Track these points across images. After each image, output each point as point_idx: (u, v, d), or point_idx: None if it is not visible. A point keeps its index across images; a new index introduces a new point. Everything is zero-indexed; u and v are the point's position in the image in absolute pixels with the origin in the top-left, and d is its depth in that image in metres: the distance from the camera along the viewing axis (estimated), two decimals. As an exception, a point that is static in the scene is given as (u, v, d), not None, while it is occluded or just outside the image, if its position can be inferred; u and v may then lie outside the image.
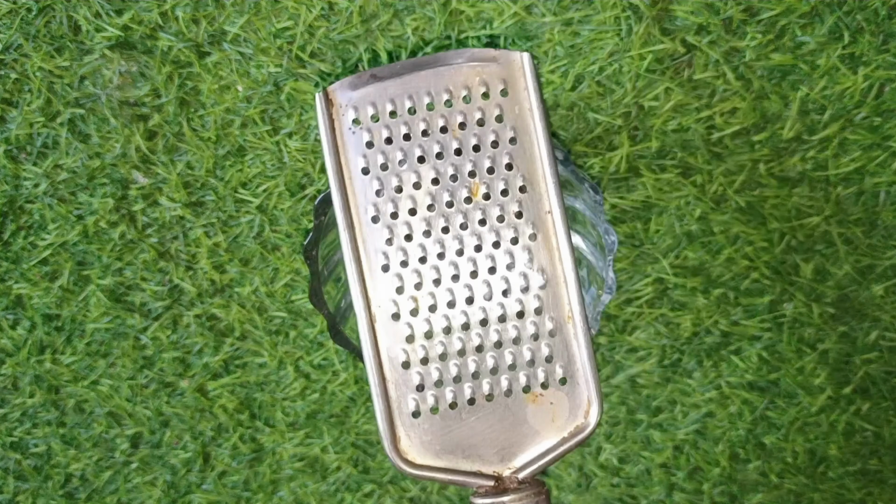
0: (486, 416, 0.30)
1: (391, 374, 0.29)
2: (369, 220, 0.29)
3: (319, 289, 0.42)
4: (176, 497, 0.54)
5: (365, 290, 0.29)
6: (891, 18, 0.40)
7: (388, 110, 0.29)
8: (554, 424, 0.30)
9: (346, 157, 0.29)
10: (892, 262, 0.45)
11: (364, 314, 0.29)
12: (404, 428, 0.29)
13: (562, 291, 0.30)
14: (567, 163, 0.40)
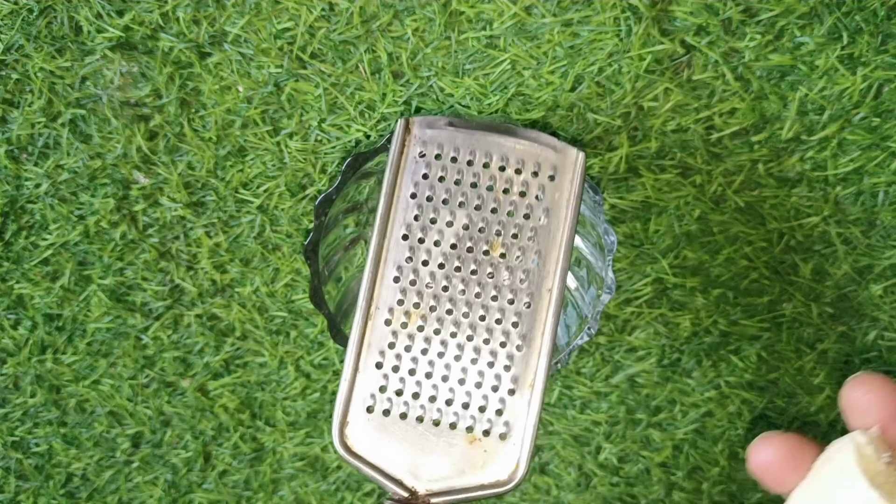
0: (426, 437, 0.32)
1: (363, 367, 0.32)
2: (399, 236, 0.33)
3: (320, 288, 0.42)
4: (177, 496, 0.54)
5: (372, 290, 0.32)
6: (889, 19, 0.40)
7: (451, 155, 0.33)
8: (480, 470, 0.32)
9: (402, 179, 0.33)
10: (890, 261, 0.45)
11: (364, 307, 0.32)
12: (355, 417, 0.32)
13: (533, 360, 0.33)
14: None
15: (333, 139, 0.44)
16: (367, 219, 0.44)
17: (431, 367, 0.33)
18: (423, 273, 0.33)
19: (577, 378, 0.50)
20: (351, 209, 0.43)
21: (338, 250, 0.43)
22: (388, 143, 0.37)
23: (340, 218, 0.43)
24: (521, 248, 0.34)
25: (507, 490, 0.32)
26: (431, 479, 0.32)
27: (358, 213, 0.44)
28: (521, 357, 0.33)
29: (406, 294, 0.33)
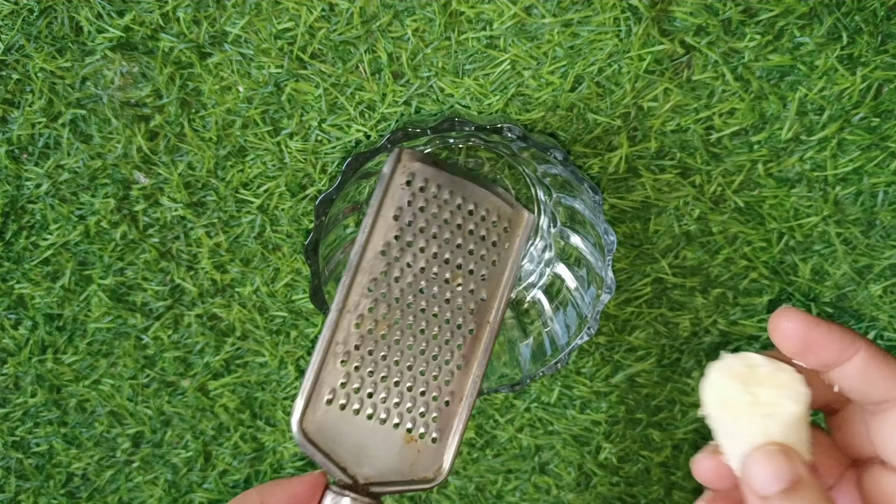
0: (373, 432, 0.36)
1: (330, 362, 0.35)
2: (379, 252, 0.36)
3: (320, 288, 0.42)
4: (177, 496, 0.54)
5: (348, 294, 0.36)
6: (889, 19, 0.40)
7: (432, 191, 0.37)
8: (412, 466, 0.36)
9: (386, 201, 0.36)
10: (890, 261, 0.45)
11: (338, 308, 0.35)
12: (315, 406, 0.35)
13: (468, 379, 0.38)
14: (567, 163, 0.40)
15: (333, 139, 0.44)
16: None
17: (387, 372, 0.36)
18: (394, 287, 0.37)
19: (576, 378, 0.50)
20: (351, 209, 0.43)
21: (338, 250, 0.43)
22: (389, 143, 0.38)
23: (341, 218, 0.43)
24: (474, 283, 0.39)
25: (430, 486, 0.36)
26: (371, 470, 0.35)
27: (358, 213, 0.44)
28: (460, 375, 0.38)
29: (377, 303, 0.36)
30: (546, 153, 0.39)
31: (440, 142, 0.43)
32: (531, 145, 0.39)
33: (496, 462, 0.53)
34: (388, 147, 0.39)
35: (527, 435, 0.52)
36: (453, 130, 0.39)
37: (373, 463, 0.35)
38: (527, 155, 0.42)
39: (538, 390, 0.50)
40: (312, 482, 0.35)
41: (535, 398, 0.51)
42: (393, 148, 0.37)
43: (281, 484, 0.35)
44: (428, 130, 0.39)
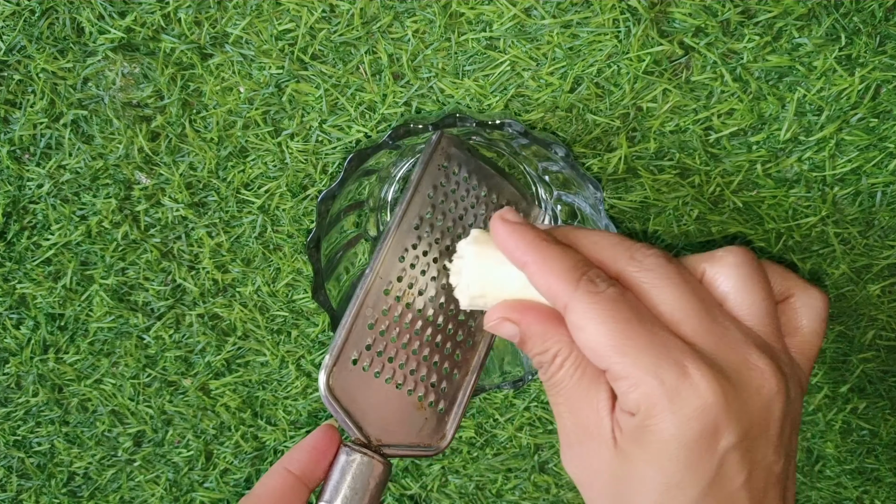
0: (389, 396, 0.37)
1: (359, 324, 0.37)
2: (413, 225, 0.38)
3: (322, 286, 0.42)
4: (178, 495, 0.54)
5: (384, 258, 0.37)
6: (887, 20, 0.40)
7: (463, 175, 0.40)
8: (419, 432, 0.38)
9: (425, 178, 0.39)
10: (888, 261, 0.45)
11: (378, 266, 0.37)
12: (342, 365, 0.36)
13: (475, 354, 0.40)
14: (568, 159, 0.40)
15: (334, 140, 0.44)
16: (369, 218, 0.44)
17: (408, 339, 0.38)
18: (422, 259, 0.38)
19: (576, 377, 0.50)
20: (352, 207, 0.43)
21: (339, 249, 0.44)
22: (390, 139, 0.38)
23: (342, 216, 0.43)
24: None
25: (433, 453, 0.38)
26: (383, 432, 0.37)
27: (359, 211, 0.44)
28: (468, 350, 0.40)
29: (405, 273, 0.38)
30: (548, 149, 0.39)
31: None
32: (533, 141, 0.39)
33: (496, 461, 0.53)
34: (390, 143, 0.39)
35: (526, 434, 0.52)
36: (455, 126, 0.39)
37: (385, 425, 0.37)
38: (528, 152, 0.43)
39: (538, 389, 0.51)
40: (328, 435, 0.36)
41: (534, 397, 0.51)
42: (395, 143, 0.39)
43: (298, 446, 0.36)
44: (430, 126, 0.39)
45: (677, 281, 0.30)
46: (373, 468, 0.35)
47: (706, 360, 0.28)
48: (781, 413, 0.29)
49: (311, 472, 0.35)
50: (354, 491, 0.35)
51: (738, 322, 0.31)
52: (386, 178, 0.44)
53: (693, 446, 0.28)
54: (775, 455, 0.29)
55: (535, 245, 0.32)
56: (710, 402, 0.27)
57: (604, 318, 0.29)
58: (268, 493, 0.35)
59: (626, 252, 0.31)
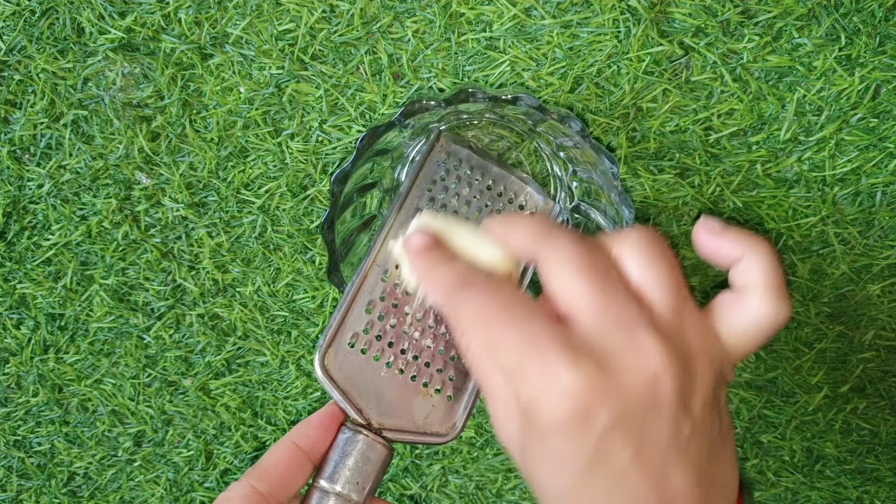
0: (390, 380, 0.37)
1: (356, 307, 0.37)
2: (411, 216, 0.39)
3: (337, 265, 0.42)
4: (178, 495, 0.54)
5: (379, 248, 0.38)
6: (887, 20, 0.40)
7: (465, 171, 0.41)
8: (425, 419, 0.37)
9: (422, 173, 0.40)
10: (888, 261, 0.45)
11: (374, 252, 0.38)
12: (337, 346, 0.37)
13: None
14: (584, 133, 0.40)
15: (334, 140, 0.44)
16: (384, 197, 0.44)
17: (409, 326, 0.38)
18: None
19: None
20: (366, 188, 0.43)
21: (354, 230, 0.43)
22: (402, 117, 0.40)
23: (355, 197, 0.43)
24: None
25: (442, 442, 0.38)
26: (385, 415, 0.37)
27: (373, 192, 0.44)
28: None
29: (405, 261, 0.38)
30: (563, 123, 0.39)
31: (454, 118, 0.43)
32: (547, 116, 0.39)
33: (496, 461, 0.53)
34: (401, 120, 0.39)
35: (527, 434, 0.52)
36: (468, 102, 0.39)
37: (388, 410, 0.37)
38: (542, 128, 0.42)
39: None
40: (331, 413, 0.36)
41: (534, 397, 0.51)
42: (406, 120, 0.39)
43: (305, 422, 0.36)
44: (442, 103, 0.39)
45: (579, 261, 0.31)
46: (373, 449, 0.35)
47: (575, 347, 0.29)
48: (673, 390, 0.29)
49: (317, 447, 0.36)
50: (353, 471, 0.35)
51: (638, 300, 0.31)
52: (399, 157, 0.44)
53: (566, 428, 0.29)
54: (672, 428, 0.30)
55: (429, 266, 0.34)
56: (573, 389, 0.29)
57: (476, 319, 0.31)
58: (274, 465, 0.35)
59: (542, 234, 0.32)
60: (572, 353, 0.29)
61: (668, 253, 0.33)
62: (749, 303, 0.33)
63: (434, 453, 0.53)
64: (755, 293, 0.32)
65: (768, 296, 0.32)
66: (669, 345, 0.30)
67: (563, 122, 0.40)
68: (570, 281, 0.31)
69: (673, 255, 0.33)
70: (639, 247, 0.32)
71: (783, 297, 0.32)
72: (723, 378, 0.32)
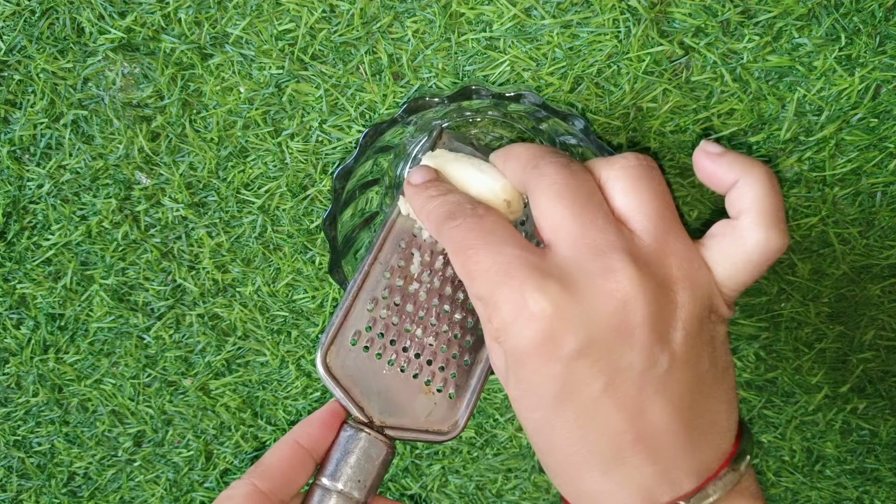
0: (392, 378, 0.37)
1: (358, 305, 0.37)
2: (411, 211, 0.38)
3: (339, 261, 0.42)
4: (178, 495, 0.54)
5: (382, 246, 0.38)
6: (887, 20, 0.40)
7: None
8: (427, 417, 0.37)
9: None
10: (889, 262, 0.45)
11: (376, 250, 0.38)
12: (339, 343, 0.37)
13: None
14: (587, 132, 0.40)
15: (334, 140, 0.44)
16: (386, 194, 0.44)
17: (411, 324, 0.38)
18: (425, 248, 0.39)
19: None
20: (368, 184, 0.43)
21: (356, 226, 0.43)
22: (405, 114, 0.40)
23: (357, 193, 0.43)
24: None
25: (444, 440, 0.38)
26: (387, 413, 0.37)
27: (375, 188, 0.44)
28: (481, 337, 0.39)
29: (407, 260, 0.38)
30: (566, 121, 0.39)
31: (457, 115, 0.43)
32: (551, 114, 0.39)
33: (496, 461, 0.53)
34: (405, 117, 0.39)
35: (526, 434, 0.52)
36: (471, 99, 0.39)
37: (390, 408, 0.37)
38: (545, 126, 0.42)
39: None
40: (333, 411, 0.36)
41: (534, 397, 0.51)
42: (409, 117, 0.39)
43: (307, 420, 0.36)
44: (445, 100, 0.39)
45: (561, 188, 0.31)
46: (374, 447, 0.35)
47: (545, 272, 0.29)
48: (645, 316, 0.29)
49: (319, 445, 0.36)
50: (355, 469, 0.35)
51: (619, 225, 0.31)
52: (402, 154, 0.44)
53: (534, 354, 0.29)
54: (646, 358, 0.29)
55: (423, 202, 0.34)
56: (538, 313, 0.28)
57: (456, 249, 0.31)
58: (276, 463, 0.35)
59: (534, 161, 0.32)
60: (540, 278, 0.29)
61: (657, 181, 0.32)
62: (739, 230, 0.32)
63: (434, 453, 0.53)
64: (746, 219, 0.31)
65: (760, 222, 0.31)
66: (644, 271, 0.29)
67: (567, 120, 0.40)
68: (551, 207, 0.31)
69: (662, 183, 0.32)
70: (625, 172, 0.32)
71: (776, 225, 0.31)
72: (715, 310, 0.31)
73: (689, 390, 0.30)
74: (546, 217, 0.31)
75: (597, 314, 0.29)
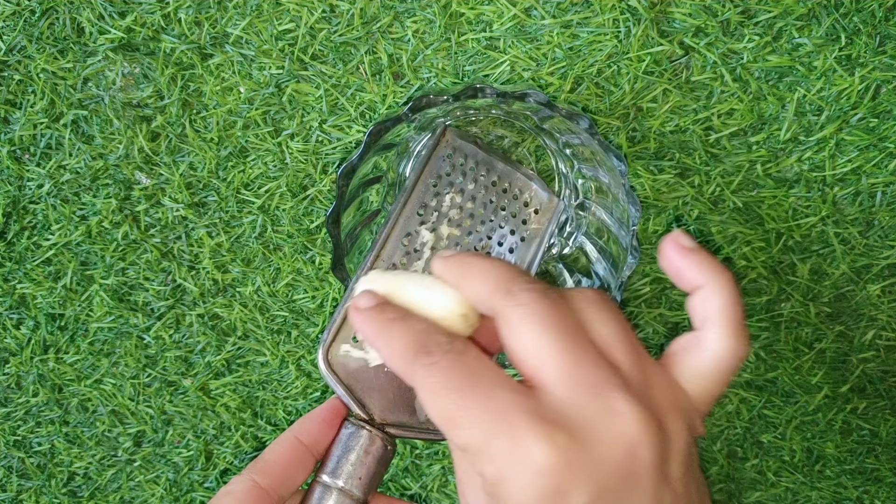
0: (393, 376, 0.37)
1: None
2: (415, 212, 0.39)
3: (342, 259, 0.42)
4: (178, 495, 0.54)
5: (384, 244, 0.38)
6: (887, 20, 0.40)
7: (470, 166, 0.41)
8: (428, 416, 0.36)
9: (427, 168, 0.40)
10: (888, 261, 0.45)
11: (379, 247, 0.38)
12: (341, 342, 0.37)
13: None
14: (592, 131, 0.40)
15: (334, 140, 0.44)
16: (388, 191, 0.44)
17: None
18: (427, 247, 0.39)
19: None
20: (372, 181, 0.43)
21: (359, 223, 0.43)
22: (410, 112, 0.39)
23: (361, 191, 0.43)
24: (501, 255, 0.41)
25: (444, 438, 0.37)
26: (388, 411, 0.37)
27: (379, 185, 0.44)
28: None
29: (409, 258, 0.39)
30: (571, 120, 0.39)
31: (461, 113, 0.43)
32: (556, 112, 0.39)
33: (496, 461, 0.53)
34: (408, 115, 0.39)
35: (527, 434, 0.52)
36: (476, 97, 0.39)
37: (391, 406, 0.37)
38: (549, 125, 0.42)
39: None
40: (333, 408, 0.36)
41: (534, 397, 0.51)
42: (413, 115, 0.40)
43: (307, 416, 0.36)
44: (450, 98, 0.39)
45: (544, 320, 0.29)
46: (375, 444, 0.35)
47: (546, 418, 0.27)
48: (652, 458, 0.27)
49: (319, 442, 0.35)
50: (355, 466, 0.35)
51: (605, 358, 0.29)
52: (404, 152, 0.44)
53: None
54: (653, 500, 0.28)
55: (380, 328, 0.31)
56: (546, 466, 0.26)
57: (437, 392, 0.28)
58: (276, 460, 0.35)
59: (505, 286, 0.30)
60: (544, 426, 0.27)
61: (619, 311, 0.31)
62: (706, 340, 0.31)
63: (434, 453, 0.53)
64: (712, 328, 0.31)
65: (726, 331, 0.30)
66: (644, 408, 0.28)
67: (571, 119, 0.40)
68: (536, 342, 0.28)
69: (616, 309, 0.31)
70: (594, 304, 0.30)
71: (741, 334, 0.30)
72: (695, 432, 0.31)
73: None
74: (529, 352, 0.28)
75: (605, 462, 0.27)
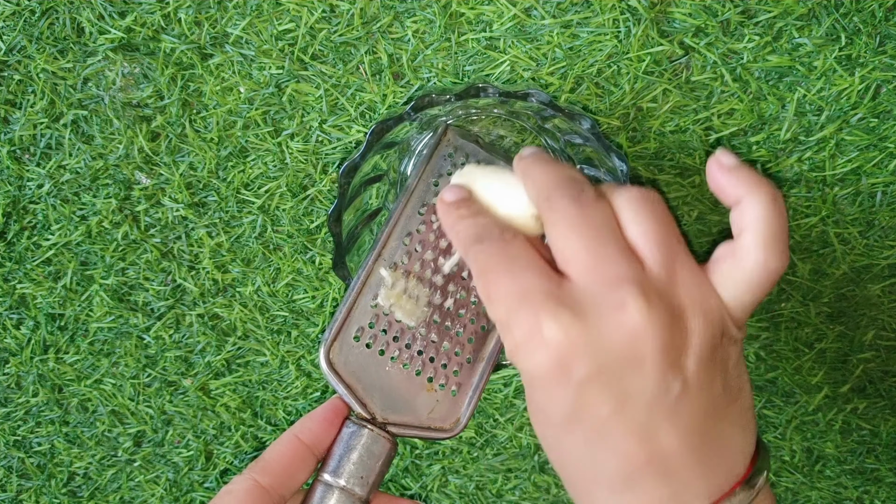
0: (395, 375, 0.38)
1: (361, 302, 0.37)
2: (417, 210, 0.39)
3: (343, 258, 0.42)
4: (178, 495, 0.54)
5: (385, 243, 0.38)
6: (887, 20, 0.40)
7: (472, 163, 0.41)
8: (429, 414, 0.38)
9: (428, 168, 0.40)
10: (888, 261, 0.45)
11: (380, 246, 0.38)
12: (343, 340, 0.37)
13: (491, 340, 0.39)
14: (594, 131, 0.40)
15: (334, 140, 0.44)
16: (389, 190, 0.44)
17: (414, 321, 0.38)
18: (427, 244, 0.39)
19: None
20: (373, 179, 0.43)
21: (360, 221, 0.43)
22: (412, 111, 0.40)
23: (362, 189, 0.43)
24: None
25: (446, 437, 0.38)
26: (389, 410, 0.37)
27: (380, 183, 0.44)
28: (483, 336, 0.39)
29: (410, 256, 0.39)
30: (573, 120, 0.39)
31: (462, 112, 0.43)
32: (558, 112, 0.39)
33: (496, 461, 0.53)
34: (411, 114, 0.39)
35: (526, 434, 0.52)
36: (478, 96, 0.39)
37: (392, 405, 0.37)
38: (551, 125, 0.42)
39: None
40: (335, 407, 0.37)
41: (534, 397, 0.51)
42: (415, 114, 0.40)
43: (308, 416, 0.36)
44: (452, 97, 0.39)
45: (573, 219, 0.32)
46: (377, 443, 0.36)
47: (560, 300, 0.30)
48: (656, 346, 0.30)
49: (320, 441, 0.36)
50: (357, 465, 0.35)
51: (630, 255, 0.32)
52: (406, 150, 0.44)
53: (545, 378, 0.30)
54: (658, 385, 0.30)
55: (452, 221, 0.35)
56: (551, 340, 0.30)
57: (479, 272, 0.32)
58: (276, 459, 0.35)
59: (547, 192, 0.33)
60: (554, 305, 0.30)
61: (662, 210, 0.33)
62: (739, 251, 0.32)
63: (434, 453, 0.53)
64: (745, 239, 0.32)
65: (758, 243, 0.32)
66: (654, 303, 0.30)
67: (573, 119, 0.40)
68: (563, 240, 0.32)
69: (668, 213, 0.33)
70: (632, 203, 0.32)
71: (775, 246, 0.32)
72: (727, 334, 0.32)
73: (701, 414, 0.31)
74: (559, 249, 0.32)
75: (607, 344, 0.30)
